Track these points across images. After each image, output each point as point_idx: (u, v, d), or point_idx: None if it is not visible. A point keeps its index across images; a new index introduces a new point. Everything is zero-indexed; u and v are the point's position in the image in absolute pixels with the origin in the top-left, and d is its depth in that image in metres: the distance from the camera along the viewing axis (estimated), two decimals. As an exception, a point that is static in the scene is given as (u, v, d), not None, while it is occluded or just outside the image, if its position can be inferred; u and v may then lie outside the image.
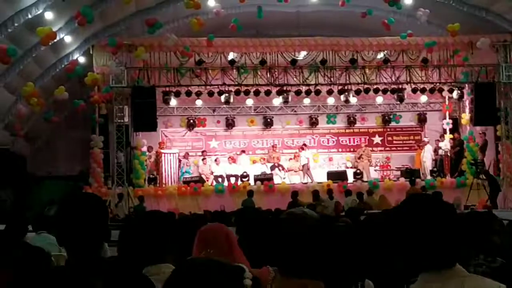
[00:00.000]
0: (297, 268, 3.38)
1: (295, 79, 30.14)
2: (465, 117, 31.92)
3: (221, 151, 33.23)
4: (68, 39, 25.71)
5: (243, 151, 32.77)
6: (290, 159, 32.23)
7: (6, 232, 9.50)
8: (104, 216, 3.94)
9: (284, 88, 30.42)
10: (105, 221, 3.92)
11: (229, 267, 2.43)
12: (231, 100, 30.54)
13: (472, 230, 5.46)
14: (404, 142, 34.60)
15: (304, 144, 32.78)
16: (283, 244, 3.43)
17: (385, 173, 32.93)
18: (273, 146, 32.93)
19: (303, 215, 3.51)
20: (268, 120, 33.50)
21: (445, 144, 32.23)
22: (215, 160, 32.05)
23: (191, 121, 32.92)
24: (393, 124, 34.43)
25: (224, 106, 32.03)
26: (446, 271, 3.23)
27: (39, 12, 21.62)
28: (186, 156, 32.04)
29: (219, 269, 2.40)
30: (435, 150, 32.57)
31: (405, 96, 31.37)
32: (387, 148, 34.45)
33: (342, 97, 31.30)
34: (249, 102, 32.10)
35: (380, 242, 4.94)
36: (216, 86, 29.95)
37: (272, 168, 31.43)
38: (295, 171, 31.43)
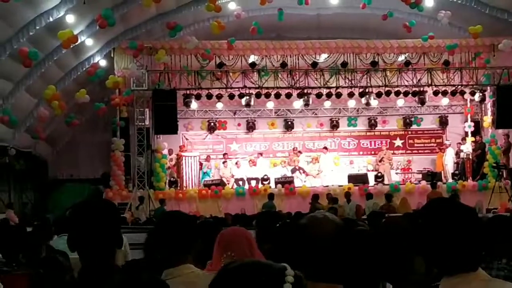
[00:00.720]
0: (319, 272, 3.36)
1: (316, 81, 30.08)
2: (487, 119, 31.69)
3: (242, 154, 33.16)
4: (89, 42, 25.82)
5: (260, 154, 32.72)
6: (314, 159, 32.22)
7: (32, 235, 9.54)
8: (116, 223, 3.92)
9: (305, 90, 30.33)
10: (117, 228, 3.90)
11: (272, 265, 2.44)
12: (252, 102, 30.53)
13: (495, 234, 5.42)
14: (426, 145, 34.38)
15: (325, 147, 32.72)
16: (304, 248, 3.40)
17: (406, 176, 32.77)
18: (293, 149, 32.86)
19: (325, 219, 3.48)
20: (289, 123, 33.37)
21: (467, 147, 32.02)
22: (236, 163, 32.00)
23: (212, 124, 32.83)
24: (414, 127, 34.22)
25: (245, 108, 31.91)
26: (469, 275, 3.20)
27: (60, 15, 21.72)
28: (208, 159, 32.02)
29: (263, 269, 2.41)
30: (457, 153, 32.36)
31: (427, 99, 31.19)
32: (408, 151, 34.26)
33: (363, 100, 31.11)
34: (270, 104, 32.01)
35: (400, 246, 4.91)
36: (237, 89, 29.93)
37: (293, 171, 31.35)
38: (314, 176, 31.36)
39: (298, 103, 31.83)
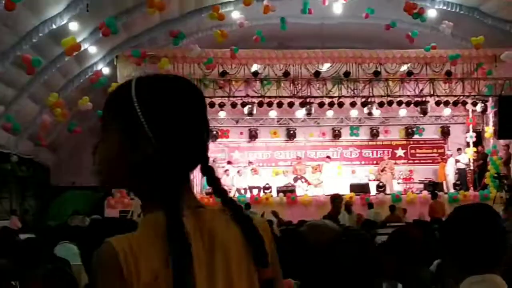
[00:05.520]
0: (319, 280, 3.38)
1: (318, 91, 30.08)
2: (489, 130, 31.69)
3: (244, 163, 33.13)
4: (92, 49, 25.86)
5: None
6: (314, 168, 32.29)
7: (35, 243, 9.52)
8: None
9: (307, 100, 30.33)
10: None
11: None
12: (254, 111, 30.51)
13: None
14: (427, 155, 34.39)
15: (328, 157, 32.74)
16: (304, 255, 3.42)
17: (408, 186, 32.75)
18: (297, 158, 32.88)
19: (324, 227, 3.50)
20: (291, 132, 33.38)
21: (463, 158, 32.08)
22: (238, 172, 31.99)
23: (214, 132, 32.75)
24: (416, 137, 34.23)
25: (247, 117, 31.93)
26: (490, 276, 3.29)
27: (63, 23, 21.78)
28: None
29: None
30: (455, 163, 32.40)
31: (429, 109, 31.13)
32: (410, 161, 34.29)
33: (365, 110, 31.08)
34: (272, 114, 32.00)
35: (415, 255, 4.95)
36: (240, 98, 29.95)
37: (295, 180, 31.37)
38: (315, 186, 31.37)
39: (300, 112, 31.84)
